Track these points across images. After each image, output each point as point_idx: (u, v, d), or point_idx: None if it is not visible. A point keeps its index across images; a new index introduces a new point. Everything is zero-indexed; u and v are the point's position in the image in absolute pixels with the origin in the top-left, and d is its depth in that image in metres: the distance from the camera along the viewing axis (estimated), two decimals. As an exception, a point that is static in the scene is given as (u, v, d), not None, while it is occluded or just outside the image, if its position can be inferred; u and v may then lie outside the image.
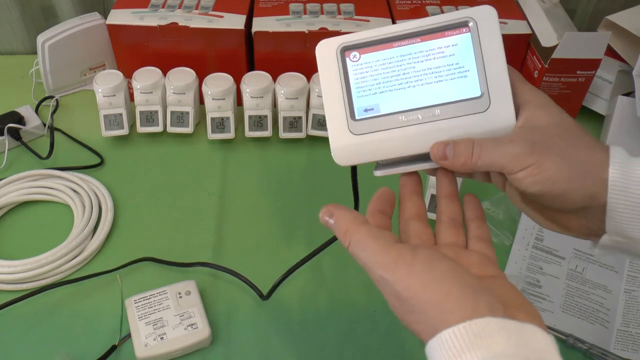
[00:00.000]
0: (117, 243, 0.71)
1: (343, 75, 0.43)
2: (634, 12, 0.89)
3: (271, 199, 0.77)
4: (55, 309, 0.64)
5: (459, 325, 0.32)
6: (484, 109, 0.42)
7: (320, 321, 0.64)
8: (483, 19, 0.42)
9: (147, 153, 0.82)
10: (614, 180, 0.38)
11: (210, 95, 0.79)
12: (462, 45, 0.43)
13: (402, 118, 0.43)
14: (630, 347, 0.63)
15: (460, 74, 0.43)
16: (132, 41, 0.83)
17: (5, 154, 0.80)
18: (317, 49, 0.44)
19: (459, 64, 0.43)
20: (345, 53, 0.43)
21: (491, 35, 0.42)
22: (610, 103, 0.86)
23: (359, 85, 0.44)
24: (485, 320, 0.32)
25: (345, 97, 0.43)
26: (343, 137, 0.43)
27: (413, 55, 0.43)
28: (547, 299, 0.67)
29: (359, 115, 0.43)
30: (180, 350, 0.59)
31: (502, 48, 0.42)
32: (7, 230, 0.72)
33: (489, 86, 0.42)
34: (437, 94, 0.43)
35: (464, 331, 0.32)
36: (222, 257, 0.69)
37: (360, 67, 0.43)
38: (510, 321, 0.33)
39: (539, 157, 0.39)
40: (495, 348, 0.31)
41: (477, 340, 0.31)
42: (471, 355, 0.31)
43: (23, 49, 0.99)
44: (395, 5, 0.87)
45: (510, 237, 0.72)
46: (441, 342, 0.33)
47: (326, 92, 0.44)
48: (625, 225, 0.39)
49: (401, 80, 0.43)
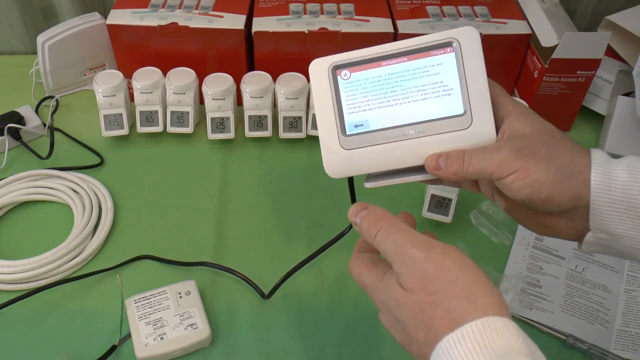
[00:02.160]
0: (117, 243, 0.71)
1: (334, 92, 0.46)
2: (634, 12, 0.89)
3: (271, 199, 0.77)
4: (55, 309, 0.64)
5: (491, 317, 0.34)
6: (467, 126, 0.45)
7: (321, 321, 0.64)
8: (466, 39, 0.44)
9: (147, 153, 0.82)
10: (596, 180, 0.41)
11: (210, 95, 0.79)
12: (446, 64, 0.45)
13: (389, 134, 0.45)
14: (630, 347, 0.63)
15: (444, 92, 0.45)
16: (132, 41, 0.83)
17: (5, 154, 0.80)
18: (310, 67, 0.46)
19: (444, 82, 0.45)
20: (337, 71, 0.46)
21: (473, 55, 0.44)
22: (610, 103, 0.86)
23: (349, 102, 0.46)
24: (509, 321, 0.35)
25: (337, 114, 0.46)
26: (335, 151, 0.46)
27: (400, 73, 0.45)
28: (547, 299, 0.67)
29: (350, 131, 0.46)
30: (180, 350, 0.59)
31: (484, 67, 0.44)
32: (7, 230, 0.72)
33: (471, 104, 0.45)
34: (422, 111, 0.45)
35: (491, 324, 0.34)
36: (222, 257, 0.69)
37: (350, 84, 0.46)
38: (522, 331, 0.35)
39: (525, 162, 0.41)
40: (515, 345, 0.33)
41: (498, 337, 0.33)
42: (492, 348, 0.33)
43: (23, 49, 0.99)
44: (395, 5, 0.87)
45: (510, 237, 0.72)
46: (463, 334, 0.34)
47: (319, 108, 0.46)
48: (607, 222, 0.41)
49: (389, 97, 0.45)
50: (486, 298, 0.35)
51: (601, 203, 0.41)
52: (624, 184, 0.40)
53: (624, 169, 0.41)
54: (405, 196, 0.76)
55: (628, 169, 0.41)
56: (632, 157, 0.42)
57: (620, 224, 0.41)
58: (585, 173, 0.41)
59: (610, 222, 0.41)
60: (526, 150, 0.41)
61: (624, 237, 0.42)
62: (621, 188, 0.41)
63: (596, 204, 0.41)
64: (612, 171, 0.41)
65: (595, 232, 0.43)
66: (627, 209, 0.41)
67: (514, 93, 0.89)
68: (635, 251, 0.42)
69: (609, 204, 0.41)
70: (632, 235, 0.41)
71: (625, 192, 0.40)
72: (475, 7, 0.86)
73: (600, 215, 0.41)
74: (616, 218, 0.41)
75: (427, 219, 0.71)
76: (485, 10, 0.86)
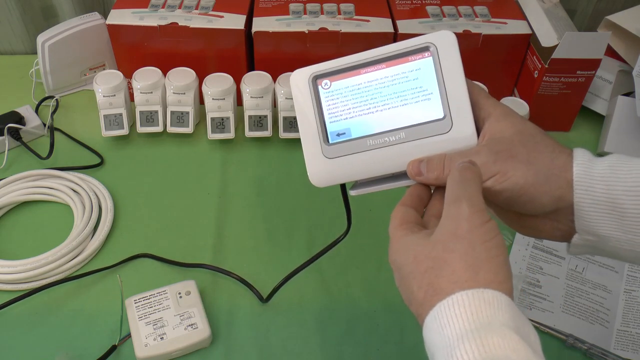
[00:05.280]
0: (117, 243, 0.71)
1: (316, 102, 0.46)
2: (634, 12, 0.89)
3: (271, 199, 0.77)
4: (55, 309, 0.64)
5: (484, 289, 0.34)
6: (447, 130, 0.45)
7: (320, 321, 0.64)
8: (443, 43, 0.44)
9: (147, 153, 0.82)
10: (578, 180, 0.40)
11: (210, 95, 0.79)
12: (424, 69, 0.45)
13: (371, 142, 0.45)
14: (630, 347, 0.63)
15: (424, 97, 0.45)
16: (132, 41, 0.83)
17: (5, 154, 0.80)
18: (291, 78, 0.46)
19: (423, 87, 0.45)
20: (317, 81, 0.46)
21: (451, 58, 0.44)
22: (610, 103, 0.86)
23: (331, 111, 0.46)
24: (502, 295, 0.35)
25: (319, 123, 0.46)
26: (318, 161, 0.46)
27: (380, 80, 0.45)
28: (547, 299, 0.67)
29: (332, 140, 0.46)
30: (180, 350, 0.59)
31: (462, 70, 0.44)
32: (7, 230, 0.72)
33: (450, 108, 0.44)
34: (403, 117, 0.45)
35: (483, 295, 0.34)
36: (221, 257, 0.69)
37: (331, 94, 0.46)
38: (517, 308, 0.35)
39: (503, 165, 0.41)
40: (502, 318, 0.33)
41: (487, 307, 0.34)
42: (478, 317, 0.33)
43: (23, 49, 0.99)
44: (395, 5, 0.87)
45: (510, 237, 0.72)
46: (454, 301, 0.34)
47: (301, 118, 0.46)
48: (592, 223, 0.41)
49: (369, 105, 0.46)
50: (490, 274, 0.35)
51: (584, 204, 0.40)
52: (607, 184, 0.40)
53: (606, 168, 0.40)
54: (405, 196, 0.76)
55: (610, 167, 0.40)
56: (614, 156, 0.41)
57: (605, 225, 0.40)
58: (566, 173, 0.41)
59: (595, 224, 0.41)
60: (505, 153, 0.41)
61: (610, 239, 0.41)
62: (604, 188, 0.40)
63: (579, 205, 0.41)
64: (594, 171, 0.40)
65: (582, 234, 0.42)
66: (612, 209, 0.40)
67: (514, 93, 0.89)
68: (623, 252, 0.41)
69: (592, 205, 0.40)
70: (619, 237, 0.40)
71: (608, 192, 0.40)
72: (475, 7, 0.86)
73: (584, 217, 0.41)
74: (601, 219, 0.40)
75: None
76: (485, 10, 0.86)
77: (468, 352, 0.32)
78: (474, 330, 0.33)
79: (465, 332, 0.33)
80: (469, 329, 0.33)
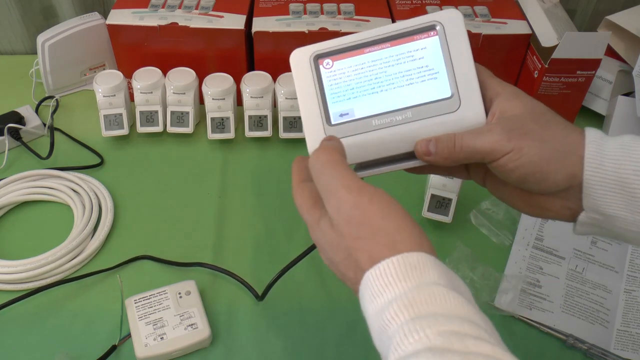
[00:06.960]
0: (117, 243, 0.71)
1: (317, 82, 0.45)
2: (634, 12, 0.89)
3: (271, 199, 0.77)
4: (55, 309, 0.64)
5: (407, 253, 0.34)
6: (455, 109, 0.44)
7: (320, 321, 0.64)
8: (449, 21, 0.44)
9: (147, 153, 0.82)
10: (590, 158, 0.40)
11: (210, 95, 0.79)
12: (430, 48, 0.44)
13: (376, 121, 0.44)
14: (630, 347, 0.63)
15: (430, 76, 0.44)
16: (132, 41, 0.83)
17: (5, 154, 0.80)
18: (291, 58, 0.45)
19: (429, 66, 0.44)
20: (319, 61, 0.45)
21: (458, 37, 0.44)
22: (610, 103, 0.86)
23: (333, 92, 0.45)
24: (427, 255, 0.35)
25: (321, 104, 0.45)
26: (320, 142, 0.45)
27: (384, 60, 0.44)
28: (547, 299, 0.67)
29: (335, 121, 0.45)
30: (180, 350, 0.59)
31: (469, 48, 0.44)
32: (7, 230, 0.72)
33: (458, 86, 0.44)
34: (408, 97, 0.44)
35: (407, 259, 0.34)
36: (221, 257, 0.69)
37: (333, 73, 0.45)
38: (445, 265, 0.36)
39: (518, 142, 0.40)
40: (432, 277, 0.34)
41: (413, 270, 0.34)
42: (406, 281, 0.34)
43: (23, 49, 0.99)
44: (395, 5, 0.87)
45: (510, 237, 0.72)
46: (380, 270, 0.34)
47: (302, 99, 0.45)
48: (600, 202, 0.40)
49: (373, 84, 0.45)
50: (406, 244, 0.35)
51: (594, 182, 0.40)
52: (618, 162, 0.39)
53: (618, 147, 0.40)
54: (405, 196, 0.76)
55: (622, 147, 0.40)
56: (627, 136, 0.41)
57: (612, 204, 0.40)
58: (579, 151, 0.40)
59: (602, 202, 0.40)
60: (518, 130, 0.41)
61: (617, 218, 0.40)
62: (614, 166, 0.40)
63: (589, 183, 0.40)
64: (606, 149, 0.40)
65: (589, 212, 0.42)
66: (621, 189, 0.40)
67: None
68: (628, 233, 0.41)
69: (601, 183, 0.40)
70: (626, 217, 0.40)
71: (618, 171, 0.39)
72: (475, 7, 0.86)
73: (593, 195, 0.40)
74: (609, 198, 0.40)
75: (427, 219, 0.71)
76: (485, 10, 0.86)
77: (398, 313, 0.32)
78: (402, 294, 0.33)
79: (394, 297, 0.33)
80: (398, 293, 0.33)
